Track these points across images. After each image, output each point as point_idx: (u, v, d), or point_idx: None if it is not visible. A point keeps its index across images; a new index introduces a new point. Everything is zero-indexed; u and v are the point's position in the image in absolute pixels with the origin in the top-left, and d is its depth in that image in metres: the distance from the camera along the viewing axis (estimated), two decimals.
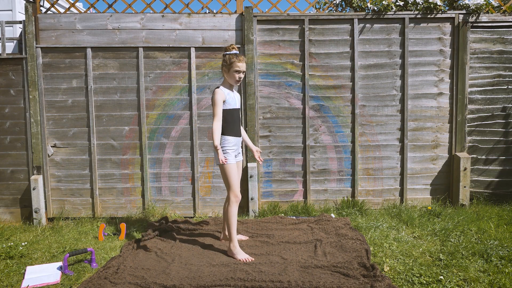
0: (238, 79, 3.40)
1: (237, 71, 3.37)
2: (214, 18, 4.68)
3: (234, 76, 3.38)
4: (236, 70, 3.36)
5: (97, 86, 4.70)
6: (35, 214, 4.55)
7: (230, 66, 3.36)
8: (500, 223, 4.07)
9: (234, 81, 3.41)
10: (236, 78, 3.39)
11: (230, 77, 3.40)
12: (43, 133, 4.67)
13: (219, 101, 3.33)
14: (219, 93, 3.34)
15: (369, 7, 4.74)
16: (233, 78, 3.39)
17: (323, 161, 4.82)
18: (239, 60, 3.36)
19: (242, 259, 3.29)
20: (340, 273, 2.95)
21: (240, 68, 3.37)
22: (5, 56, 4.59)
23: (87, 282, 2.90)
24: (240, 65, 3.36)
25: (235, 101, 3.45)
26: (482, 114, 4.82)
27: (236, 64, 3.35)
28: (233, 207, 3.38)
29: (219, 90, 3.36)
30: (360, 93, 4.77)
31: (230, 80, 3.42)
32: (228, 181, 3.39)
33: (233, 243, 3.38)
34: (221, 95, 3.34)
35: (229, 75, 3.41)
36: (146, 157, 4.73)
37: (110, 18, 4.66)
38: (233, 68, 3.36)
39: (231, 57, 3.36)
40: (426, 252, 3.37)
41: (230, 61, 3.36)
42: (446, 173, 4.85)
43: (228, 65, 3.37)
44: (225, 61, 3.39)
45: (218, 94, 3.34)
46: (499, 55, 4.76)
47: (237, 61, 3.35)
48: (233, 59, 3.36)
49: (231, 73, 3.38)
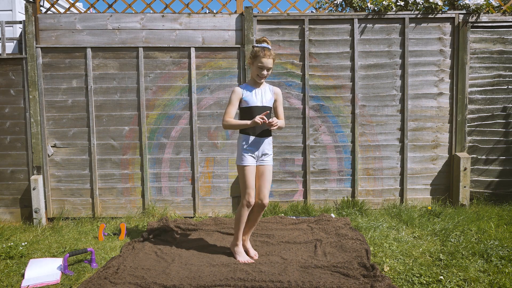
0: (261, 76, 3.14)
1: (261, 67, 3.10)
2: (214, 18, 4.68)
3: (256, 71, 3.14)
4: (259, 65, 3.10)
5: (97, 86, 4.70)
6: (35, 214, 4.55)
7: (254, 59, 3.12)
8: (500, 223, 4.07)
9: (256, 77, 3.17)
10: (259, 73, 3.13)
11: (253, 72, 3.19)
12: (43, 133, 4.67)
13: (231, 100, 3.17)
14: (234, 91, 3.18)
15: (369, 7, 4.74)
16: (255, 73, 3.16)
17: (323, 161, 4.82)
18: (264, 55, 3.08)
19: (242, 261, 3.27)
20: (340, 273, 2.95)
21: (264, 64, 3.09)
22: (5, 56, 4.59)
23: (87, 282, 2.90)
24: (264, 61, 3.08)
25: (255, 98, 3.18)
26: (482, 114, 4.82)
27: (261, 59, 3.08)
28: (243, 210, 3.24)
29: (235, 89, 3.20)
30: (360, 93, 4.77)
31: (253, 74, 3.20)
32: (242, 182, 3.21)
33: (236, 241, 3.35)
34: (235, 93, 3.18)
35: (252, 70, 3.18)
36: (146, 157, 4.73)
37: (110, 18, 4.66)
38: (257, 63, 3.11)
39: (258, 51, 3.09)
40: (426, 252, 3.37)
41: (256, 54, 3.10)
42: (446, 173, 4.85)
43: (253, 57, 3.13)
44: (250, 54, 3.17)
45: (233, 93, 3.18)
46: (499, 55, 4.76)
47: (262, 56, 3.08)
48: (259, 53, 3.08)
49: (254, 67, 3.14)
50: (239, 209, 3.30)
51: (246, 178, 3.19)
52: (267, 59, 3.10)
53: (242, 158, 3.21)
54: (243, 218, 3.27)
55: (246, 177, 3.19)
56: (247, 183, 3.20)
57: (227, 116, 3.18)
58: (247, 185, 3.20)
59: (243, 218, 3.28)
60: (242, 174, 3.21)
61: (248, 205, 3.23)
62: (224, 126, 3.21)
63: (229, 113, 3.18)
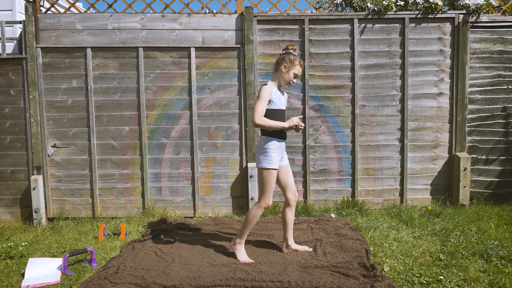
0: (291, 83, 3.27)
1: (296, 75, 3.25)
2: (214, 18, 4.68)
3: (290, 77, 3.23)
4: (295, 73, 3.24)
5: (97, 86, 4.70)
6: (35, 214, 4.55)
7: (292, 66, 3.21)
8: (500, 223, 4.07)
9: (286, 83, 3.26)
10: (291, 80, 3.25)
11: (286, 77, 3.24)
12: (43, 133, 4.67)
13: (264, 97, 3.15)
14: (266, 90, 3.17)
15: (369, 7, 4.74)
16: (288, 79, 3.24)
17: (323, 161, 4.82)
18: (300, 65, 3.24)
19: (242, 260, 3.27)
20: (340, 273, 2.95)
21: (299, 73, 3.26)
22: (5, 56, 4.59)
23: (87, 282, 2.90)
24: (300, 70, 3.25)
25: (281, 101, 3.27)
26: (482, 114, 4.82)
27: (298, 68, 3.23)
28: (258, 211, 3.23)
29: (266, 87, 3.18)
30: (360, 93, 4.77)
31: (283, 80, 3.25)
32: (265, 186, 3.20)
33: (240, 239, 3.33)
34: (268, 92, 3.17)
35: (285, 75, 3.24)
36: (146, 157, 4.73)
37: (110, 18, 4.66)
38: (293, 70, 3.22)
39: (296, 59, 3.22)
40: (426, 252, 3.37)
41: (294, 62, 3.21)
42: (446, 173, 4.85)
43: (290, 65, 3.22)
44: (288, 60, 3.21)
45: (265, 91, 3.16)
46: (499, 55, 4.76)
47: (299, 65, 3.23)
48: (297, 61, 3.22)
49: (289, 74, 3.23)
50: (254, 210, 3.25)
51: (271, 181, 3.20)
52: (301, 68, 3.26)
53: (269, 161, 3.18)
54: (255, 218, 3.27)
55: (271, 180, 3.21)
56: (270, 186, 3.21)
57: (260, 114, 3.14)
58: (270, 187, 3.21)
59: (255, 219, 3.27)
60: (266, 177, 3.19)
61: (266, 207, 3.23)
62: (257, 124, 3.14)
63: (262, 111, 3.15)
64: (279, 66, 3.26)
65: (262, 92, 3.17)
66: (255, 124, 3.14)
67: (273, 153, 3.19)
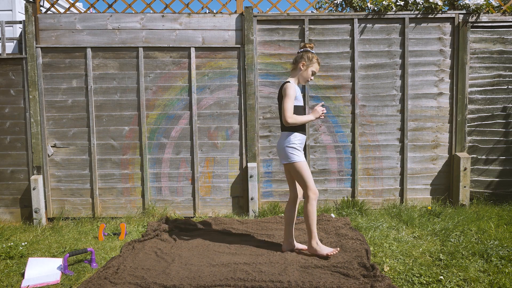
0: (310, 80, 3.35)
1: (314, 72, 3.31)
2: (214, 18, 4.69)
3: (309, 75, 3.30)
4: (313, 71, 3.30)
5: (97, 86, 4.70)
6: (35, 214, 4.55)
7: (310, 64, 3.28)
8: (500, 223, 4.07)
9: (305, 80, 3.33)
10: (309, 78, 3.31)
11: (304, 75, 3.30)
12: (43, 133, 4.67)
13: (291, 95, 3.18)
14: (292, 87, 3.21)
15: (369, 7, 4.74)
16: (307, 77, 3.31)
17: (323, 161, 4.82)
18: (318, 63, 3.31)
19: (328, 253, 3.22)
20: (340, 273, 2.95)
21: (317, 70, 3.33)
22: (5, 56, 4.59)
23: (87, 282, 2.90)
24: (318, 68, 3.32)
25: (301, 98, 3.35)
26: (482, 114, 4.82)
27: (316, 65, 3.30)
28: (313, 205, 3.23)
29: (291, 85, 3.22)
30: (360, 93, 4.77)
31: (302, 78, 3.32)
32: (304, 178, 3.24)
33: (315, 240, 3.30)
34: (294, 89, 3.21)
35: (304, 73, 3.30)
36: (146, 157, 4.73)
37: (110, 18, 4.66)
38: (312, 68, 3.29)
39: (314, 57, 3.29)
40: (426, 252, 3.37)
41: (312, 60, 3.28)
42: (446, 173, 4.85)
43: (309, 63, 3.28)
44: (306, 58, 3.28)
45: (291, 89, 3.20)
46: (499, 55, 4.76)
47: (317, 63, 3.30)
48: (315, 59, 3.29)
49: (307, 72, 3.29)
50: (309, 207, 3.24)
51: (307, 171, 3.25)
52: (319, 66, 3.34)
53: (297, 155, 3.25)
54: (314, 214, 3.26)
55: (307, 171, 3.25)
56: (309, 176, 3.25)
57: (291, 112, 3.19)
58: (309, 177, 3.25)
59: (314, 214, 3.26)
60: (301, 170, 3.24)
61: (316, 198, 3.26)
62: (289, 123, 3.18)
63: (292, 108, 3.20)
64: (297, 64, 3.30)
65: (288, 90, 3.20)
66: (287, 123, 3.19)
67: (299, 146, 3.27)
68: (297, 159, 3.24)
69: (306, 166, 3.26)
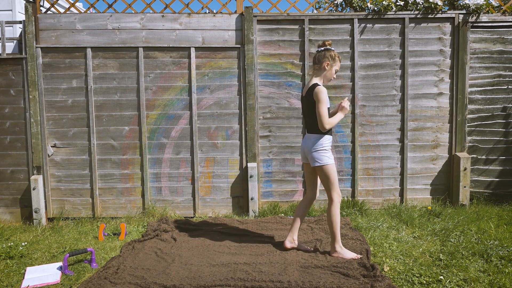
0: (333, 79, 3.35)
1: (337, 70, 3.31)
2: (214, 18, 4.68)
3: (332, 74, 3.29)
4: (336, 69, 3.29)
5: (97, 86, 4.70)
6: (35, 214, 4.55)
7: (334, 63, 3.26)
8: (500, 223, 4.07)
9: (328, 80, 3.32)
10: (333, 77, 3.31)
11: (328, 75, 3.29)
12: (43, 133, 4.67)
13: (325, 100, 3.17)
14: (324, 91, 3.18)
15: (369, 7, 4.74)
16: (330, 76, 3.29)
17: None
18: (340, 60, 3.30)
19: (352, 258, 3.20)
20: (340, 273, 2.95)
21: (339, 68, 3.33)
22: (5, 56, 4.59)
23: (87, 282, 2.90)
24: (339, 66, 3.32)
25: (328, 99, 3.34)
26: (482, 114, 4.82)
27: (338, 63, 3.29)
28: (337, 207, 3.24)
29: (323, 88, 3.19)
30: (360, 93, 4.77)
31: (326, 78, 3.30)
32: (331, 181, 3.24)
33: (338, 243, 3.28)
34: (326, 93, 3.20)
35: (328, 73, 3.28)
36: (146, 157, 4.73)
37: (110, 18, 4.66)
38: (335, 67, 3.27)
39: (336, 54, 3.26)
40: (426, 252, 3.37)
41: (335, 58, 3.25)
42: (446, 173, 4.85)
43: (332, 62, 3.25)
44: (329, 57, 3.24)
45: (324, 93, 3.17)
46: (499, 55, 4.76)
47: (339, 60, 3.28)
48: (337, 57, 3.26)
49: (331, 71, 3.27)
50: (333, 209, 3.24)
51: (334, 174, 3.26)
52: (340, 63, 3.36)
53: (328, 157, 3.24)
54: (338, 216, 3.25)
55: (334, 174, 3.26)
56: (336, 179, 3.26)
57: (327, 117, 3.17)
58: (336, 181, 3.26)
59: (338, 217, 3.25)
60: (330, 172, 3.24)
61: (340, 201, 3.27)
62: (327, 128, 3.18)
63: (327, 114, 3.19)
64: (321, 64, 3.27)
65: (321, 95, 3.16)
66: (325, 129, 3.17)
67: (329, 148, 3.27)
68: (329, 162, 3.23)
69: (334, 168, 3.26)
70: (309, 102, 3.25)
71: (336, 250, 3.28)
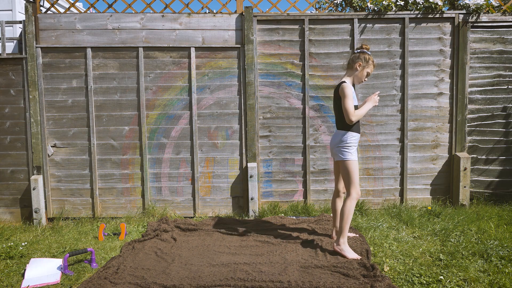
0: (364, 81, 3.41)
1: (368, 73, 3.38)
2: (214, 18, 4.68)
3: (363, 76, 3.36)
4: (368, 72, 3.37)
5: (97, 86, 4.70)
6: (35, 214, 4.55)
7: (367, 65, 3.34)
8: (500, 223, 4.07)
9: (359, 81, 3.39)
10: (364, 79, 3.38)
11: (359, 76, 3.36)
12: (43, 133, 4.68)
13: (350, 95, 3.24)
14: (349, 87, 3.27)
15: (369, 7, 4.74)
16: (361, 77, 3.37)
17: (323, 161, 4.82)
18: (374, 65, 3.38)
19: (353, 257, 3.22)
20: (340, 273, 2.95)
21: (371, 72, 3.39)
22: (5, 56, 4.59)
23: (87, 282, 2.90)
24: (372, 69, 3.39)
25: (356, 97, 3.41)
26: (482, 114, 4.82)
27: (371, 67, 3.36)
28: (353, 203, 3.29)
29: (348, 85, 3.27)
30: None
31: (357, 78, 3.37)
32: (351, 177, 3.30)
33: (344, 238, 3.31)
34: (351, 89, 3.28)
35: (359, 74, 3.35)
36: (146, 157, 4.73)
37: (110, 18, 4.66)
38: (367, 69, 3.35)
39: (370, 58, 3.34)
40: (426, 252, 3.37)
41: (369, 61, 3.34)
42: (446, 173, 4.85)
43: (365, 64, 3.33)
44: (363, 59, 3.33)
45: (349, 88, 3.26)
46: (499, 55, 4.76)
47: (373, 64, 3.36)
48: (371, 61, 3.35)
49: (363, 72, 3.35)
50: (349, 204, 3.29)
51: (356, 171, 3.32)
52: (373, 67, 3.41)
53: (351, 153, 3.31)
54: (352, 212, 3.31)
55: (356, 171, 3.32)
56: (357, 177, 3.32)
57: (353, 110, 3.24)
58: (356, 178, 3.32)
59: (352, 213, 3.31)
60: (352, 169, 3.30)
61: (358, 197, 3.32)
62: (354, 121, 3.25)
63: (353, 107, 3.25)
64: (354, 64, 3.35)
65: (346, 90, 3.25)
66: (351, 121, 3.25)
67: (354, 145, 3.33)
68: (351, 158, 3.30)
69: (356, 165, 3.32)
70: (337, 99, 3.36)
71: (340, 244, 3.31)
